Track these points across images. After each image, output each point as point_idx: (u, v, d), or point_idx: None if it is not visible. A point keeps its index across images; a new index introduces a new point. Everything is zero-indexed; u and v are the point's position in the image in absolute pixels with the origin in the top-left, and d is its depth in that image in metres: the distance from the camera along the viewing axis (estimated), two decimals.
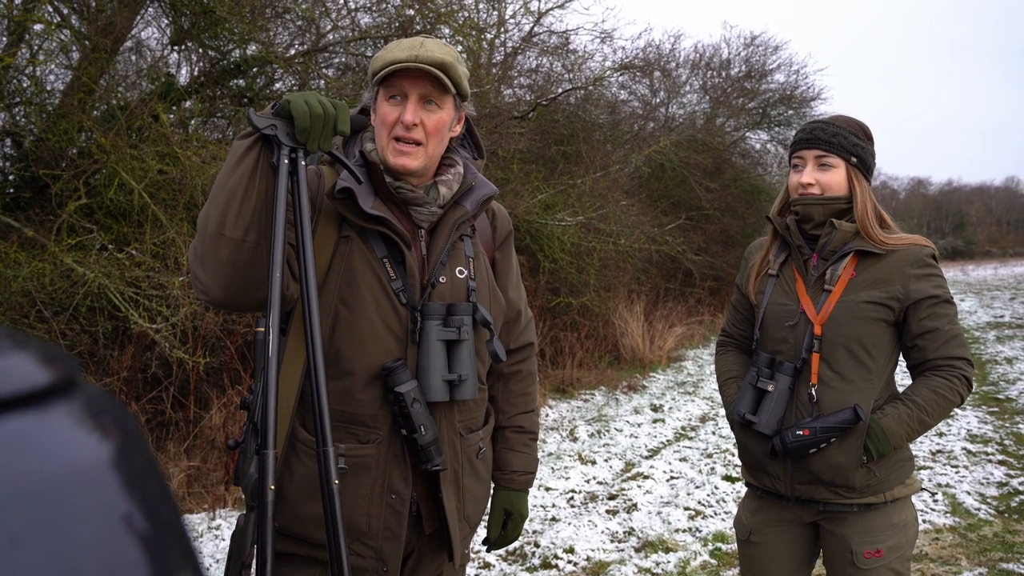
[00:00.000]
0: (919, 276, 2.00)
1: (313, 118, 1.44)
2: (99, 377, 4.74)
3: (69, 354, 0.41)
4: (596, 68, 10.43)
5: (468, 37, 7.53)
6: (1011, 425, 6.81)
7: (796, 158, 2.09)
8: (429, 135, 1.63)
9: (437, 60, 1.59)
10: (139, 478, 0.39)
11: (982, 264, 39.78)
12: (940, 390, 2.00)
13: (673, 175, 12.72)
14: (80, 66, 5.03)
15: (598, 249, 9.02)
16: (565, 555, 4.11)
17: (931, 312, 2.00)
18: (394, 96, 1.62)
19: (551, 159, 9.23)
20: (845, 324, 2.01)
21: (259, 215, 1.47)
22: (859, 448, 1.98)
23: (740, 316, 2.33)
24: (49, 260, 4.29)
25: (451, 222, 1.68)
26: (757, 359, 2.10)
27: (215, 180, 1.51)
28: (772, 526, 2.18)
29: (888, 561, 2.02)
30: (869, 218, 2.03)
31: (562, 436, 6.72)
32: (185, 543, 0.40)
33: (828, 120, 2.09)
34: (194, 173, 4.76)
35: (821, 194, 2.04)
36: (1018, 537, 4.31)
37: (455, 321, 1.63)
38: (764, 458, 2.09)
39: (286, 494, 1.61)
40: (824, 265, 2.06)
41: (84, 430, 0.38)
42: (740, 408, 2.09)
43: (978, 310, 16.51)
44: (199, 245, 1.49)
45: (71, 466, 0.35)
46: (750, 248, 2.34)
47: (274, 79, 6.71)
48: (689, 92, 15.90)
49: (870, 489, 2.02)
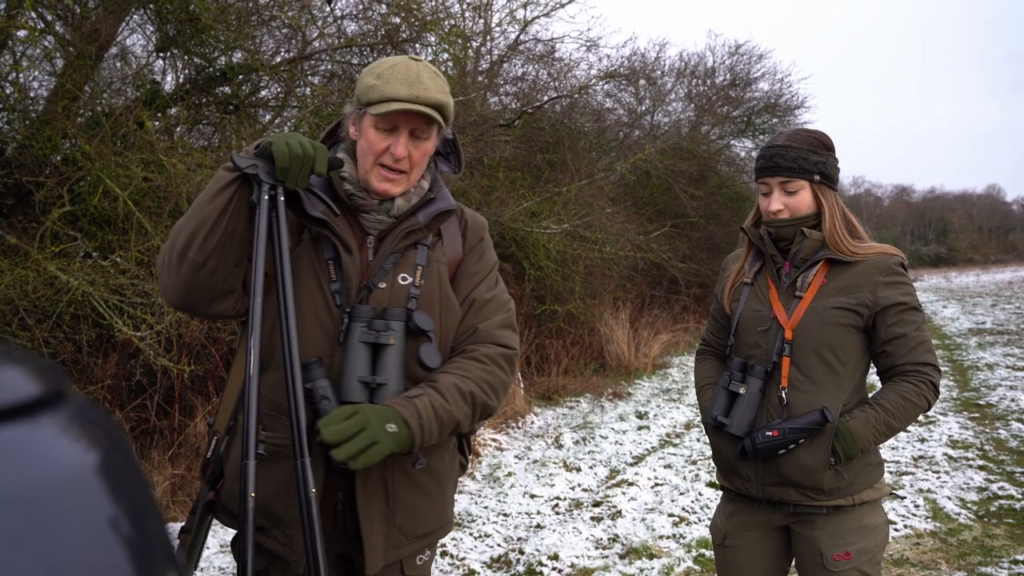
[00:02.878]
0: (887, 283, 2.06)
1: (292, 159, 1.56)
2: (83, 385, 4.71)
3: (59, 366, 0.43)
4: (582, 76, 10.51)
5: (454, 45, 7.56)
6: (991, 431, 6.89)
7: (762, 183, 2.16)
8: (414, 165, 1.71)
9: (435, 101, 1.65)
10: (125, 484, 0.40)
11: (964, 271, 40.18)
12: (907, 395, 2.05)
13: (658, 183, 12.79)
14: (64, 73, 5.01)
15: (583, 256, 9.06)
16: (550, 562, 4.12)
17: (899, 319, 2.06)
18: (385, 128, 1.68)
19: (537, 167, 9.27)
20: (815, 329, 2.06)
21: (223, 246, 1.59)
22: (827, 450, 2.03)
23: (718, 325, 2.39)
24: (32, 267, 4.27)
25: (400, 231, 1.73)
26: (730, 364, 2.16)
27: (195, 199, 1.63)
28: (746, 530, 2.22)
29: (858, 563, 2.07)
30: (837, 230, 2.10)
31: (547, 443, 6.74)
32: (168, 547, 0.41)
33: (785, 144, 2.13)
34: (179, 180, 4.75)
35: (790, 216, 2.12)
36: (996, 541, 4.36)
37: (380, 325, 1.65)
38: (735, 460, 2.15)
39: (225, 472, 1.76)
40: (796, 272, 2.13)
41: (71, 439, 0.39)
42: (713, 411, 2.15)
43: (960, 316, 16.67)
44: (166, 254, 1.63)
45: (58, 473, 0.37)
46: (728, 259, 2.42)
47: (260, 87, 6.71)
48: (674, 100, 16.04)
49: (839, 492, 2.07)
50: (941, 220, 63.04)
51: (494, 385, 1.74)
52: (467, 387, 1.68)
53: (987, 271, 39.21)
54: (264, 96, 6.85)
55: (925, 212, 64.61)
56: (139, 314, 4.46)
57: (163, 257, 1.64)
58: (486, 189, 7.97)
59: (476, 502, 5.18)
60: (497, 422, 7.25)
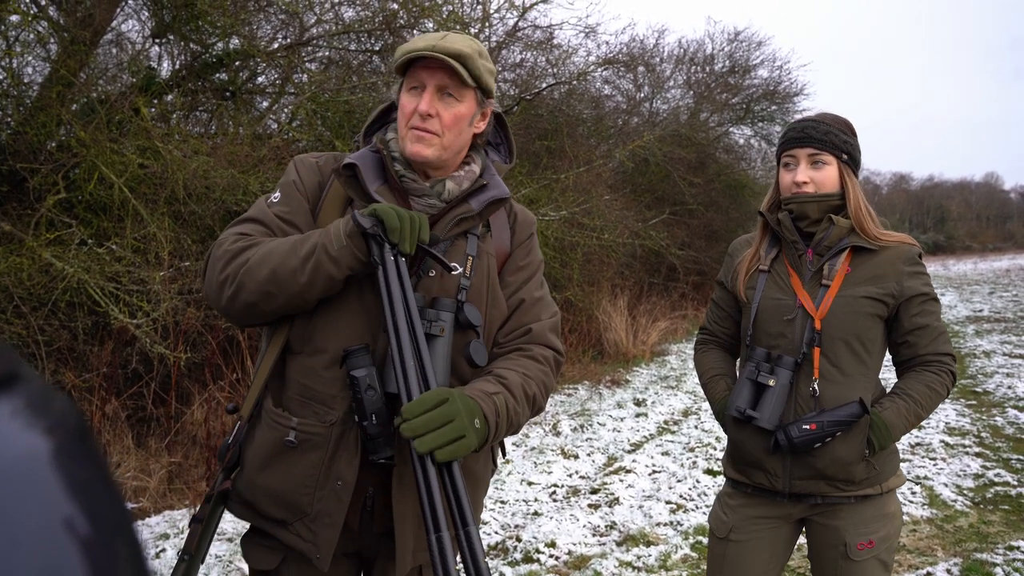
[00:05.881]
0: (911, 274, 2.05)
1: (402, 221, 1.52)
2: (79, 373, 4.70)
3: (9, 347, 0.40)
4: (580, 63, 10.43)
5: (452, 31, 7.51)
6: (988, 418, 6.91)
7: (788, 156, 2.10)
8: (446, 127, 1.61)
9: (454, 51, 1.57)
10: (82, 474, 0.38)
11: (962, 259, 40.22)
12: (932, 384, 2.05)
13: (657, 170, 12.75)
14: (59, 59, 4.97)
15: (582, 244, 9.04)
16: (547, 549, 4.13)
17: (922, 309, 2.05)
18: (414, 87, 1.62)
19: (535, 154, 9.23)
20: (844, 319, 2.02)
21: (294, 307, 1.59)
22: (862, 442, 2.00)
23: (723, 313, 2.31)
24: (27, 255, 4.25)
25: (452, 217, 1.65)
26: (753, 354, 2.08)
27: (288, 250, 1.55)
28: (758, 523, 2.15)
29: (878, 552, 2.06)
30: (863, 214, 2.05)
31: (545, 430, 6.75)
32: (131, 542, 0.38)
33: (817, 118, 2.10)
34: (175, 167, 4.73)
35: (815, 192, 2.06)
36: (992, 528, 4.38)
37: (431, 315, 1.58)
38: (762, 454, 2.07)
39: (245, 459, 1.65)
40: (820, 260, 2.07)
41: (22, 424, 0.37)
42: (739, 403, 2.05)
43: (958, 304, 16.69)
44: (229, 275, 1.56)
45: (5, 461, 0.35)
46: (735, 245, 2.32)
47: (257, 73, 6.67)
48: (673, 87, 15.97)
49: (868, 481, 2.04)
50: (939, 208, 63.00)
51: (548, 388, 1.70)
52: (531, 389, 1.63)
53: (985, 259, 39.23)
54: (261, 83, 6.81)
55: (923, 200, 64.55)
56: (135, 301, 4.44)
57: (221, 272, 1.57)
58: None
59: None
60: None
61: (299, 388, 1.62)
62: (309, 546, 1.60)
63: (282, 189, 1.70)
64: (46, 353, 4.40)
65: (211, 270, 1.60)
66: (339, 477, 1.59)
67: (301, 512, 1.60)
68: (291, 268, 1.52)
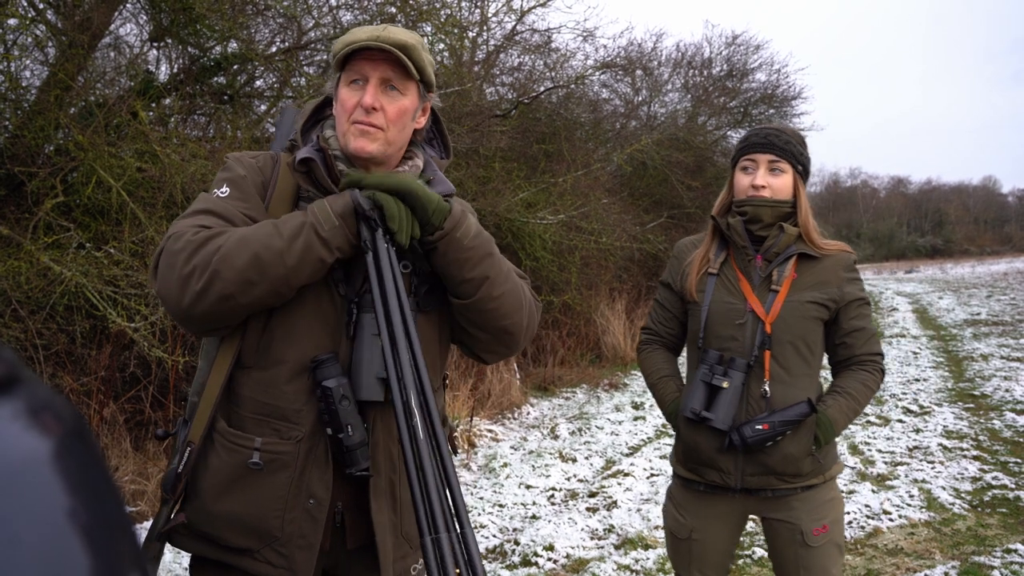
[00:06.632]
0: (850, 280, 2.20)
1: (401, 216, 1.48)
2: (77, 376, 4.70)
3: (9, 350, 0.40)
4: (578, 66, 10.46)
5: (450, 35, 7.52)
6: (985, 421, 6.91)
7: (748, 160, 2.20)
8: (390, 121, 1.55)
9: (399, 41, 1.51)
10: (82, 475, 0.38)
11: (960, 262, 40.24)
12: (867, 382, 2.21)
13: (655, 173, 12.77)
14: (56, 62, 4.97)
15: (580, 247, 9.05)
16: (545, 552, 4.13)
17: (858, 312, 2.21)
18: (355, 80, 1.55)
19: (533, 157, 9.24)
20: (792, 323, 2.14)
21: (278, 296, 1.48)
22: (810, 439, 2.12)
23: (669, 314, 2.38)
24: (25, 258, 4.25)
25: None
26: (706, 356, 2.16)
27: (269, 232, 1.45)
28: (713, 519, 2.25)
29: (833, 535, 2.19)
30: (810, 224, 2.20)
31: (543, 434, 6.74)
32: (132, 542, 0.38)
33: (778, 128, 2.22)
34: (173, 171, 4.73)
35: (772, 197, 2.16)
36: (990, 530, 4.38)
37: None
38: (716, 453, 2.16)
39: (199, 488, 1.53)
40: (769, 266, 2.18)
41: (22, 427, 0.37)
42: (693, 405, 2.14)
43: (956, 307, 16.70)
44: (197, 270, 1.42)
45: (7, 463, 0.35)
46: (680, 247, 2.41)
47: (255, 77, 6.68)
48: (671, 91, 15.99)
49: (813, 473, 2.17)
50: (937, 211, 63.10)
51: (522, 286, 1.68)
52: (507, 265, 1.64)
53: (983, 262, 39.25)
54: (259, 86, 6.82)
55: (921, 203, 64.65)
56: (133, 305, 4.44)
57: (186, 265, 1.42)
58: (482, 180, 7.94)
59: (471, 493, 5.18)
60: (493, 413, 7.25)
61: (255, 405, 1.52)
62: (282, 572, 1.51)
63: (231, 184, 1.57)
64: (44, 357, 4.39)
65: (168, 265, 1.44)
66: (311, 495, 1.51)
67: (270, 537, 1.50)
68: (276, 250, 1.41)
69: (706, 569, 2.27)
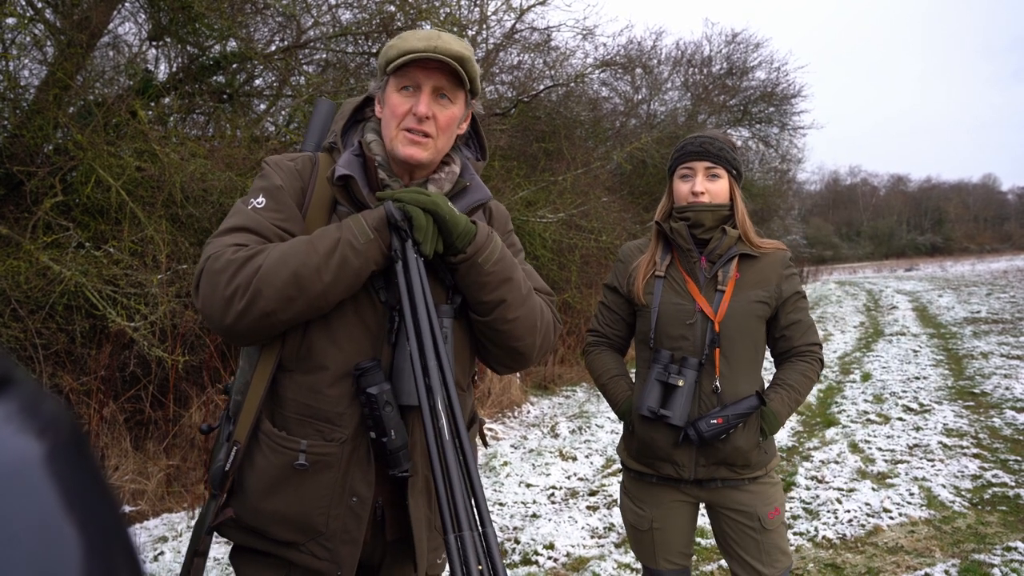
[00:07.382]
0: (787, 276, 2.32)
1: (428, 228, 1.52)
2: (76, 376, 4.70)
3: (3, 351, 0.40)
4: (578, 65, 10.45)
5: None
6: (986, 419, 6.91)
7: (686, 168, 2.30)
8: (440, 130, 1.59)
9: (455, 53, 1.54)
10: (76, 478, 0.37)
11: (960, 260, 40.26)
12: (807, 373, 2.32)
13: (655, 172, 12.76)
14: (55, 61, 4.97)
15: (579, 246, 9.05)
16: (545, 551, 4.13)
17: (796, 306, 2.33)
18: (406, 87, 1.58)
19: (532, 156, 9.24)
20: (739, 320, 2.24)
21: (317, 311, 1.52)
22: (757, 431, 2.24)
23: (616, 316, 2.47)
24: (24, 258, 4.24)
25: None
26: (659, 356, 2.25)
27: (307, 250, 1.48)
28: (669, 509, 2.34)
29: (782, 516, 2.33)
30: (747, 224, 2.31)
31: (543, 432, 6.75)
32: (125, 543, 0.38)
33: (711, 135, 2.31)
34: (173, 170, 4.73)
35: (711, 202, 2.26)
36: (990, 528, 4.38)
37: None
38: (672, 448, 2.26)
39: (246, 485, 1.58)
40: (713, 267, 2.28)
41: (15, 429, 0.37)
42: (649, 403, 2.22)
43: (955, 305, 16.71)
44: (238, 289, 1.45)
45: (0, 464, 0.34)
46: (625, 251, 2.49)
47: (254, 75, 6.67)
48: (671, 89, 15.99)
49: (759, 464, 2.29)
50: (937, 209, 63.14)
51: (541, 308, 1.74)
52: (528, 286, 1.69)
53: (982, 260, 39.27)
54: (258, 85, 6.81)
55: (921, 201, 64.68)
56: (132, 304, 4.44)
57: (228, 285, 1.45)
58: (482, 178, 7.94)
59: None
60: (493, 411, 7.26)
61: (297, 407, 1.56)
62: (326, 564, 1.57)
63: (267, 194, 1.60)
64: (44, 356, 4.39)
65: (210, 285, 1.48)
66: (354, 493, 1.57)
67: (315, 532, 1.56)
68: (314, 267, 1.45)
69: (671, 556, 2.36)
